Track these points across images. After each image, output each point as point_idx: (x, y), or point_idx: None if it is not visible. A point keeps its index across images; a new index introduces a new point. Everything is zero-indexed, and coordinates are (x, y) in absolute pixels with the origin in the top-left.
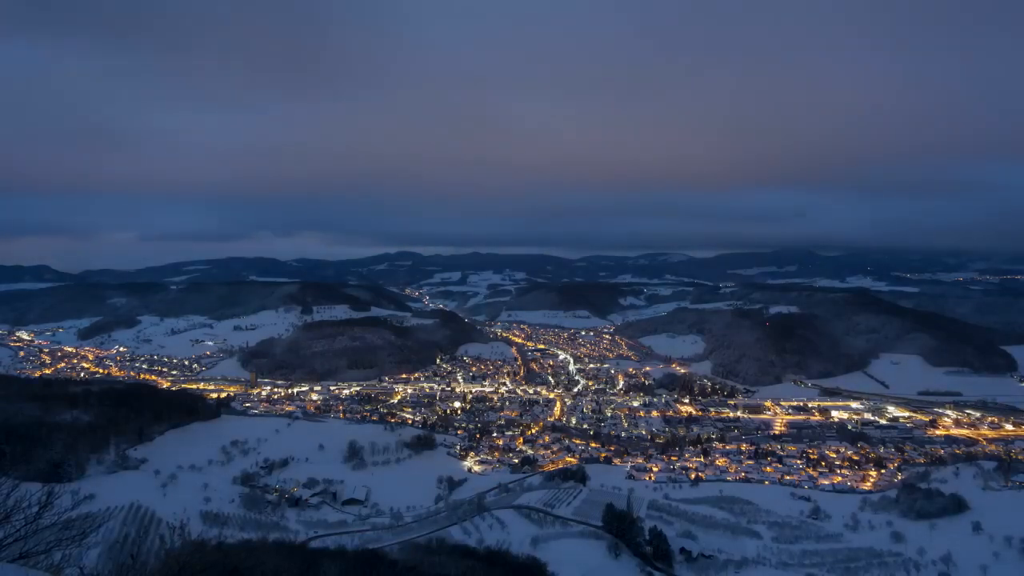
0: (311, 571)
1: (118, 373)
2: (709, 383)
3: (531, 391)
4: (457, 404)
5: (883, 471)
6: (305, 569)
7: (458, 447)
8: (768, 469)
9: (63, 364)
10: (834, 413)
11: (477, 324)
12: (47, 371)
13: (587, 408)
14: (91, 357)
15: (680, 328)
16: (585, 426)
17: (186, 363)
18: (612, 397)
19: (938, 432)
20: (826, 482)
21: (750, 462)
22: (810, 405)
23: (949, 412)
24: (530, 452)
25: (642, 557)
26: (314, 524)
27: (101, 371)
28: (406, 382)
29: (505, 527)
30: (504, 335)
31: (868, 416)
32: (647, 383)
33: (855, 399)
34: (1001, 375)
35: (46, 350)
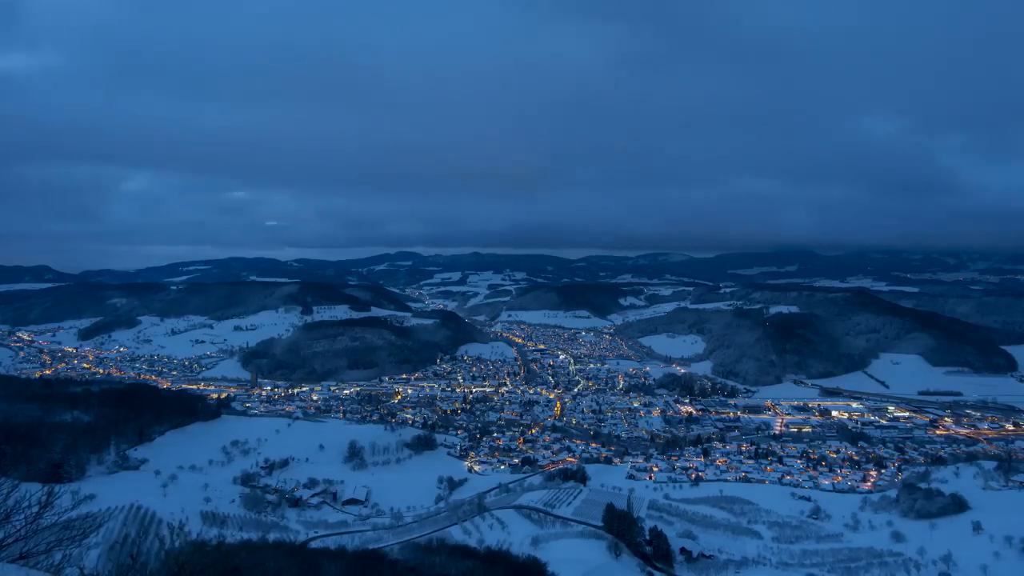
0: (311, 571)
1: (118, 373)
2: (709, 383)
3: (531, 391)
4: (457, 404)
5: (883, 471)
6: (305, 569)
7: (458, 447)
8: (768, 469)
9: (63, 364)
10: (834, 413)
11: (477, 324)
12: (47, 371)
13: (587, 408)
14: (91, 357)
15: (680, 328)
16: (585, 426)
17: (186, 363)
18: (612, 397)
19: (938, 432)
20: (826, 482)
21: (750, 462)
22: (810, 405)
23: (949, 412)
24: (530, 452)
25: (642, 557)
26: (314, 524)
27: (101, 371)
28: (406, 382)
29: (505, 527)
30: (504, 335)
31: (868, 416)
32: (647, 383)
33: (855, 399)
34: (1001, 375)
35: (46, 350)
